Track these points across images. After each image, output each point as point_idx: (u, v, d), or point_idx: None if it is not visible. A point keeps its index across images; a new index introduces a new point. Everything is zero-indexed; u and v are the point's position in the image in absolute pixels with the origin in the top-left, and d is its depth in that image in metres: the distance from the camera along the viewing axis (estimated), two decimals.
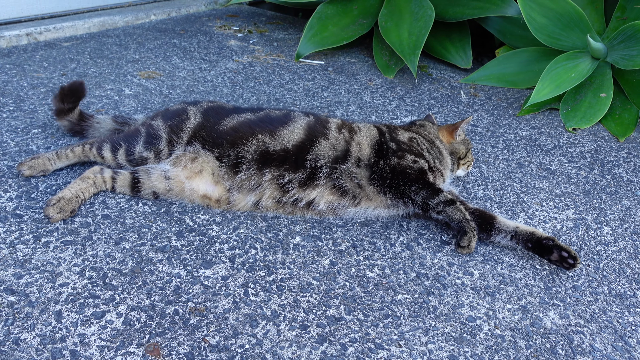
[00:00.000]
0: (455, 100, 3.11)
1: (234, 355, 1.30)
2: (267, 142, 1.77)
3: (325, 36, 3.43)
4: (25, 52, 3.02)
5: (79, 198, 1.71)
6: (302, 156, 1.76)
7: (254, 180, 1.75)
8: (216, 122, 1.83)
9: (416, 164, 1.84)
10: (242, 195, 1.78)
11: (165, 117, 1.90)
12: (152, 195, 1.82)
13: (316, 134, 1.80)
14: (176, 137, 1.82)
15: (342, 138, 1.83)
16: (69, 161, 1.91)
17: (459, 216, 1.75)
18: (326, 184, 1.78)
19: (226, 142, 1.77)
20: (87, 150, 1.90)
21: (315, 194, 1.79)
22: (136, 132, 1.89)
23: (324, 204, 1.81)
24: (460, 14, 3.42)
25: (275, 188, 1.76)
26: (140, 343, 1.29)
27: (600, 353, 1.46)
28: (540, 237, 1.75)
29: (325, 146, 1.79)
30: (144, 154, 1.83)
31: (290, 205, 1.80)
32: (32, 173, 1.83)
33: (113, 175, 1.81)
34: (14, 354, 1.23)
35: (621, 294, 1.70)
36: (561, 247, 1.72)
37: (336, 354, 1.34)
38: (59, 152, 1.89)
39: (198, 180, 1.78)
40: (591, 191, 2.29)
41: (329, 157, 1.78)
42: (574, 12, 3.02)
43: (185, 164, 1.78)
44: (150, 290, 1.46)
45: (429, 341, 1.42)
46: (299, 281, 1.56)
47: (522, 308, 1.58)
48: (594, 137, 2.82)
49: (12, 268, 1.46)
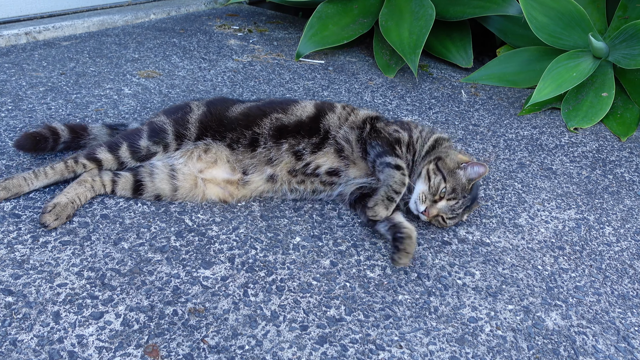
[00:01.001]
0: (456, 100, 3.10)
1: (234, 356, 1.29)
2: (281, 117, 1.88)
3: (326, 35, 3.42)
4: (24, 51, 3.01)
5: (75, 203, 1.68)
6: (316, 124, 1.89)
7: (273, 152, 1.83)
8: (225, 109, 1.88)
9: (396, 133, 1.88)
10: (258, 173, 1.83)
11: (167, 113, 1.90)
12: (155, 198, 1.80)
13: (325, 109, 1.95)
14: (183, 129, 1.82)
15: (345, 112, 1.98)
16: (49, 180, 1.74)
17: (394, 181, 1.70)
18: (331, 146, 1.87)
19: (239, 127, 1.84)
20: (71, 164, 1.75)
21: (323, 159, 1.86)
22: (136, 130, 1.86)
23: (327, 167, 1.86)
24: (461, 13, 3.40)
25: (291, 156, 1.84)
26: (139, 344, 1.28)
27: (602, 354, 1.45)
28: (401, 231, 1.65)
29: (334, 117, 1.93)
30: (151, 148, 1.80)
31: (301, 173, 1.85)
32: (7, 195, 1.68)
33: (114, 178, 1.77)
34: (12, 355, 1.21)
35: (624, 295, 1.68)
36: (403, 241, 1.61)
37: (336, 355, 1.33)
38: (37, 170, 1.74)
39: (215, 170, 1.81)
40: (593, 191, 2.28)
41: (335, 125, 1.91)
42: (575, 11, 3.01)
43: (199, 156, 1.80)
44: (149, 290, 1.44)
45: (430, 342, 1.40)
46: (299, 282, 1.55)
47: (524, 309, 1.57)
48: (596, 136, 2.81)
49: (10, 268, 1.45)
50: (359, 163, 1.87)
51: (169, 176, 1.77)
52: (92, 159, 1.77)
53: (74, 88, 2.60)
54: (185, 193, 1.80)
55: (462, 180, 1.77)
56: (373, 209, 1.68)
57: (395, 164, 1.75)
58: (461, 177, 1.77)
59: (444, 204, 1.76)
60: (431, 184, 1.75)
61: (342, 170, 1.87)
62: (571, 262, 1.81)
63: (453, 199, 1.76)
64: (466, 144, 2.56)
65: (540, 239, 1.91)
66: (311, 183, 1.88)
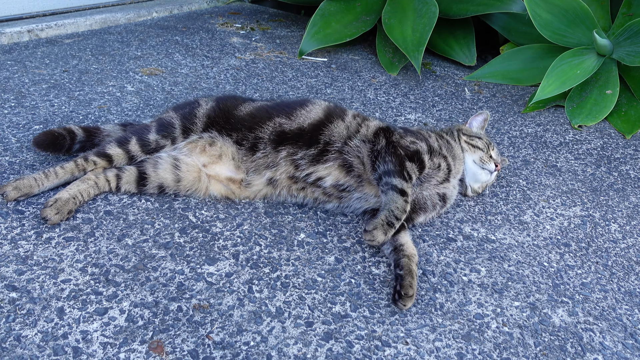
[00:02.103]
0: (460, 98, 3.09)
1: (239, 352, 1.28)
2: (283, 123, 1.81)
3: (328, 33, 3.41)
4: (27, 48, 3.00)
5: (77, 199, 1.67)
6: (317, 135, 1.78)
7: (271, 158, 1.77)
8: (234, 107, 1.84)
9: (414, 145, 1.77)
10: (258, 176, 1.79)
11: (176, 109, 1.90)
12: (158, 189, 1.78)
13: (333, 115, 1.84)
14: (190, 123, 1.81)
15: (356, 123, 1.84)
16: (59, 180, 1.72)
17: (396, 206, 1.59)
18: (335, 160, 1.75)
19: (244, 128, 1.80)
20: (81, 163, 1.73)
21: (324, 172, 1.75)
22: (144, 126, 1.86)
23: (332, 182, 1.76)
24: (464, 10, 3.39)
25: (289, 164, 1.76)
26: (144, 340, 1.27)
27: (610, 351, 1.44)
28: (400, 265, 1.55)
29: (340, 126, 1.81)
30: (160, 141, 1.80)
31: (302, 181, 1.77)
32: (17, 195, 1.66)
33: (118, 173, 1.76)
34: (16, 350, 1.21)
35: (630, 292, 1.67)
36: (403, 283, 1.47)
37: (342, 351, 1.32)
38: (47, 170, 1.71)
39: (219, 166, 1.79)
40: (598, 188, 2.27)
41: (341, 136, 1.78)
42: (579, 8, 3.00)
43: (203, 147, 1.78)
44: (153, 286, 1.44)
45: (436, 338, 1.39)
46: (303, 278, 1.54)
47: (531, 305, 1.56)
48: (600, 134, 2.80)
49: (14, 264, 1.44)
50: (373, 182, 1.74)
51: (172, 166, 1.76)
52: (102, 155, 1.76)
53: (77, 85, 2.60)
54: (189, 185, 1.78)
55: (480, 132, 2.10)
56: (371, 232, 1.55)
57: (400, 188, 1.62)
58: (478, 129, 2.11)
59: (494, 153, 2.01)
60: (480, 146, 1.97)
61: (352, 187, 1.77)
62: (577, 259, 1.80)
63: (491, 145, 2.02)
64: None
65: (546, 235, 1.90)
66: (312, 192, 1.81)
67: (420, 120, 2.71)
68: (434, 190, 1.83)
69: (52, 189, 1.74)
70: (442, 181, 1.83)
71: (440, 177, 1.82)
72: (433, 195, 1.82)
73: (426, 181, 1.80)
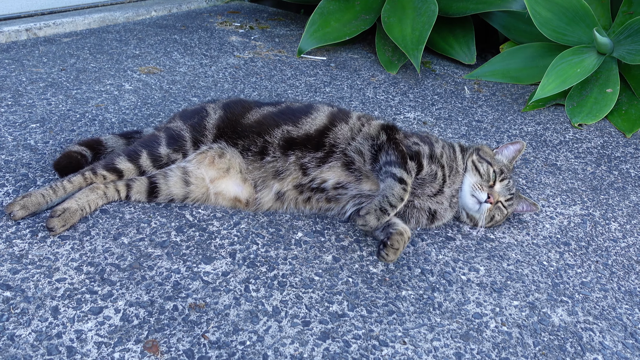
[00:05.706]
0: (459, 96, 3.07)
1: (235, 352, 1.27)
2: (290, 130, 1.78)
3: (327, 32, 3.40)
4: (25, 47, 2.99)
5: (85, 211, 1.63)
6: (322, 139, 1.76)
7: (280, 163, 1.74)
8: (241, 115, 1.80)
9: (416, 146, 1.74)
10: (267, 190, 1.76)
11: (184, 117, 1.84)
12: (169, 201, 1.76)
13: (337, 120, 1.81)
14: (200, 136, 1.77)
15: (359, 123, 1.82)
16: (67, 194, 1.65)
17: (392, 193, 1.57)
18: (338, 160, 1.74)
19: (252, 134, 1.77)
20: (89, 176, 1.68)
21: (328, 173, 1.73)
22: (153, 136, 1.80)
23: (333, 182, 1.74)
24: (463, 9, 3.38)
25: (298, 169, 1.74)
26: (139, 339, 1.26)
27: (610, 351, 1.42)
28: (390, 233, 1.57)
29: (344, 128, 1.79)
30: (172, 156, 1.75)
31: (307, 189, 1.75)
32: (25, 214, 1.59)
33: (128, 182, 1.72)
34: (9, 350, 1.19)
35: (631, 291, 1.66)
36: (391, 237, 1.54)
37: (339, 350, 1.30)
38: (55, 185, 1.65)
39: (226, 181, 1.75)
40: (598, 187, 2.25)
41: (345, 138, 1.77)
42: (579, 6, 2.98)
43: (212, 159, 1.74)
44: (149, 285, 1.42)
45: (434, 338, 1.38)
46: (301, 277, 1.53)
47: (530, 305, 1.54)
48: (601, 132, 2.78)
49: (8, 263, 1.43)
50: (372, 176, 1.72)
51: (182, 180, 1.73)
52: (112, 170, 1.71)
53: (75, 84, 2.59)
54: (197, 199, 1.77)
55: (504, 162, 1.88)
56: (364, 217, 1.55)
57: (400, 177, 1.60)
58: (502, 159, 1.90)
59: (499, 186, 1.80)
60: (482, 172, 1.80)
61: (350, 183, 1.74)
62: (577, 258, 1.78)
63: (504, 179, 1.81)
64: (470, 140, 2.53)
65: (545, 234, 1.89)
66: (317, 201, 1.78)
67: (419, 119, 2.70)
68: (426, 203, 1.76)
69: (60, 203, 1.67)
70: (435, 193, 1.77)
71: (434, 188, 1.76)
72: (423, 209, 1.77)
73: (419, 189, 1.74)
